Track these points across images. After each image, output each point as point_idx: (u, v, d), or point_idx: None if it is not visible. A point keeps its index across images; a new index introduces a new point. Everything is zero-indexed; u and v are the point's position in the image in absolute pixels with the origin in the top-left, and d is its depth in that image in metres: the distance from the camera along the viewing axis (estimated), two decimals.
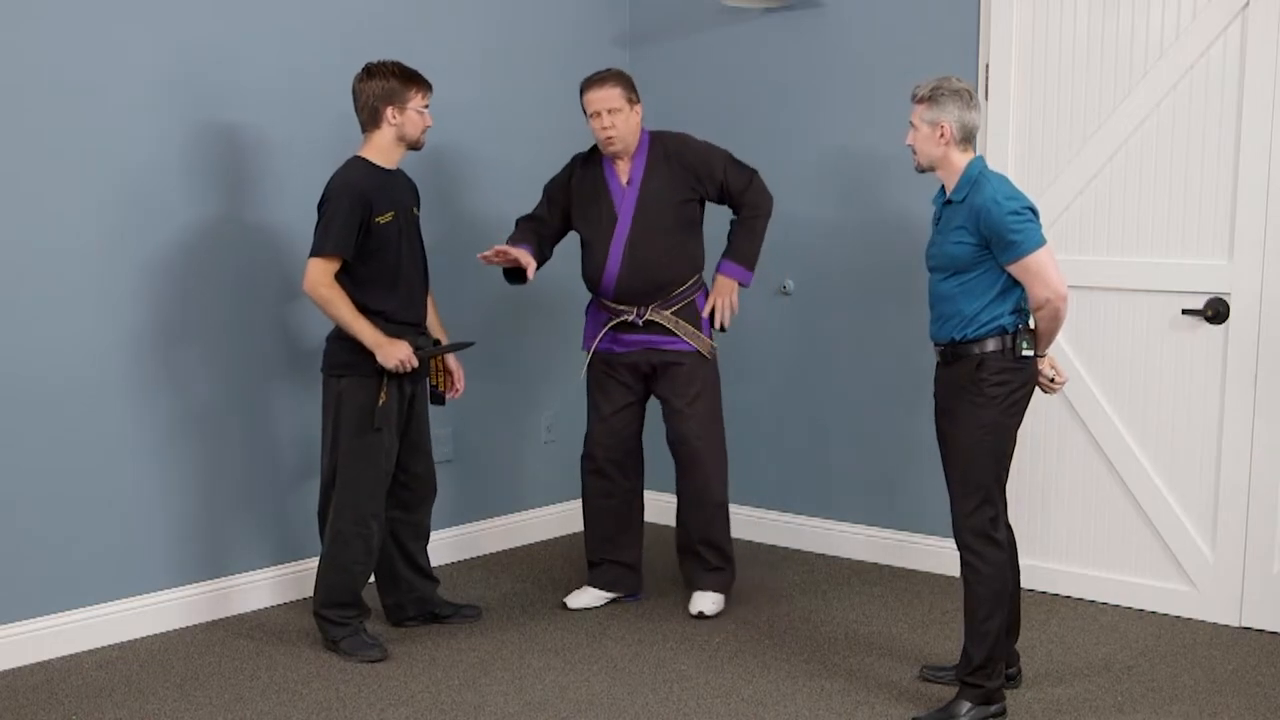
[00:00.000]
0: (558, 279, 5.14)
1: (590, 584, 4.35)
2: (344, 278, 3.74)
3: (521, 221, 4.30)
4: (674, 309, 4.19)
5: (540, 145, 5.06)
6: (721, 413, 4.30)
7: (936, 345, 3.42)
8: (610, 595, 4.35)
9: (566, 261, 5.03)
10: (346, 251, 3.70)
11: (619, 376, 4.24)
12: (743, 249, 4.25)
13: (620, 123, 4.07)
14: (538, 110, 5.07)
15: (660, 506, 5.32)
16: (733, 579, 4.39)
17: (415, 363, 3.75)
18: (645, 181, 4.14)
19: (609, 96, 4.06)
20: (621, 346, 4.22)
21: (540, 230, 4.28)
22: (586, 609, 4.28)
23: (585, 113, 4.13)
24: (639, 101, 4.16)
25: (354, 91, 3.79)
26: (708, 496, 4.30)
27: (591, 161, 4.24)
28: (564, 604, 4.28)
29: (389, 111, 3.76)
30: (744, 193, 4.21)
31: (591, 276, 4.22)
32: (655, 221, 4.13)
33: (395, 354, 3.73)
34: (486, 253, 4.07)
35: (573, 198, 4.23)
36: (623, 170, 4.17)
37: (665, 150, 4.18)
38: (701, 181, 4.18)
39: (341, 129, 3.90)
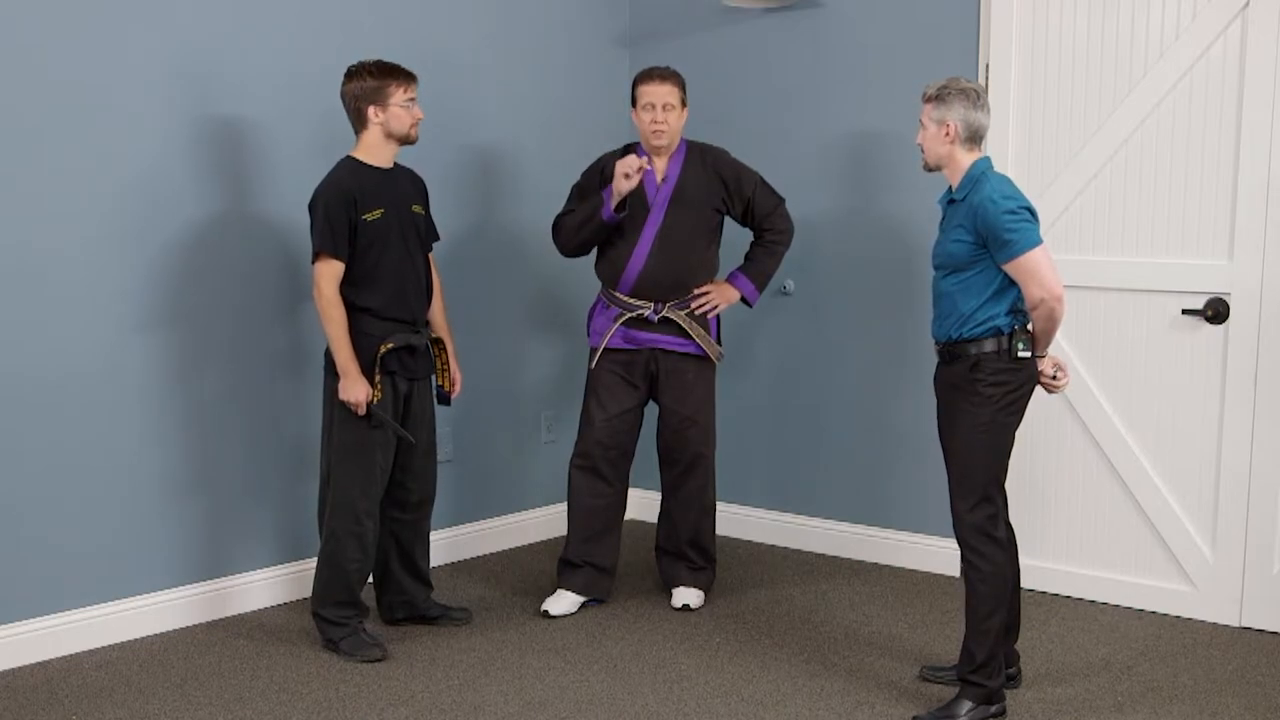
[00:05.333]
0: (560, 278, 5.14)
1: (567, 588, 4.30)
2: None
3: (565, 215, 4.24)
4: (687, 311, 4.20)
5: (540, 144, 5.06)
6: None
7: (936, 344, 3.43)
8: (584, 599, 4.32)
9: (570, 261, 5.03)
10: (338, 250, 3.71)
11: (627, 377, 4.23)
12: (760, 268, 4.29)
13: (673, 120, 4.12)
14: (537, 110, 5.06)
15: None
16: (714, 577, 4.45)
17: (363, 412, 3.74)
18: (680, 181, 4.17)
19: (668, 92, 4.10)
20: (632, 344, 4.22)
21: None
22: (567, 614, 4.26)
23: (634, 103, 4.14)
24: (687, 106, 4.20)
25: (341, 95, 3.81)
26: (704, 501, 4.35)
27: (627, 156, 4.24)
28: (545, 611, 4.24)
29: (372, 110, 3.77)
30: (769, 216, 4.25)
31: (613, 267, 4.21)
32: (685, 220, 4.16)
33: (352, 392, 3.72)
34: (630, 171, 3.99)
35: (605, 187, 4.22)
36: (659, 168, 4.19)
37: (703, 157, 4.22)
38: (731, 196, 4.22)
39: (347, 125, 3.91)
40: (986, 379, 3.28)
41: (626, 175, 3.98)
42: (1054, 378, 3.46)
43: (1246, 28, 3.94)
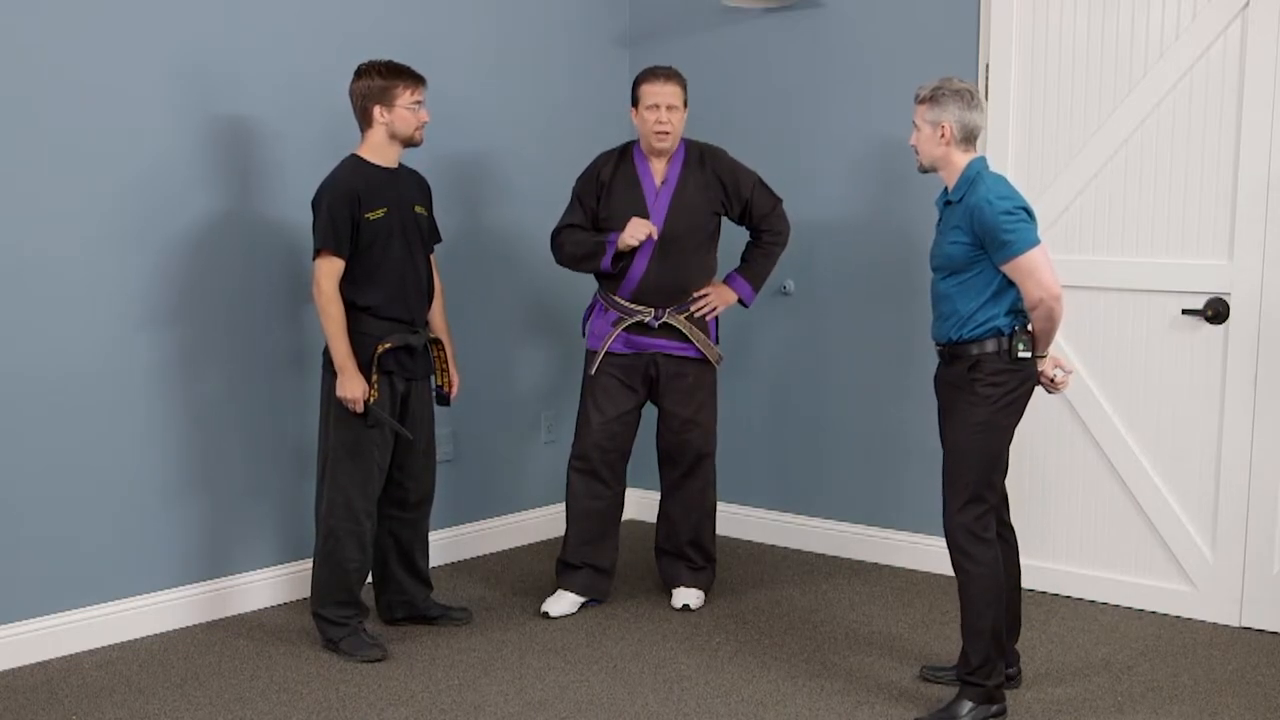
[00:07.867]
0: (560, 278, 5.14)
1: (566, 589, 4.30)
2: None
3: (566, 230, 4.22)
4: (687, 315, 4.20)
5: (540, 145, 5.06)
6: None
7: (937, 345, 3.43)
8: (584, 599, 4.32)
9: None
10: (339, 248, 3.72)
11: (626, 380, 4.23)
12: (756, 270, 4.29)
13: (676, 120, 4.10)
14: (537, 110, 5.06)
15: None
16: (714, 578, 4.45)
17: (360, 409, 3.74)
18: (680, 184, 4.15)
19: (672, 92, 4.08)
20: (632, 348, 4.21)
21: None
22: (566, 615, 4.26)
23: (637, 103, 4.11)
24: (688, 106, 4.19)
25: (349, 93, 3.81)
26: (705, 502, 4.35)
27: (625, 159, 4.23)
28: (545, 613, 4.23)
29: (377, 110, 3.78)
30: (767, 216, 4.24)
31: (614, 273, 4.20)
32: (686, 224, 4.15)
33: (349, 388, 3.72)
34: (635, 238, 4.02)
35: (603, 193, 4.21)
36: (658, 171, 4.18)
37: (701, 157, 4.20)
38: (729, 196, 4.21)
39: (350, 125, 3.92)
40: (985, 379, 3.28)
41: (631, 242, 4.00)
42: (1053, 380, 3.46)
43: (1246, 28, 3.94)
